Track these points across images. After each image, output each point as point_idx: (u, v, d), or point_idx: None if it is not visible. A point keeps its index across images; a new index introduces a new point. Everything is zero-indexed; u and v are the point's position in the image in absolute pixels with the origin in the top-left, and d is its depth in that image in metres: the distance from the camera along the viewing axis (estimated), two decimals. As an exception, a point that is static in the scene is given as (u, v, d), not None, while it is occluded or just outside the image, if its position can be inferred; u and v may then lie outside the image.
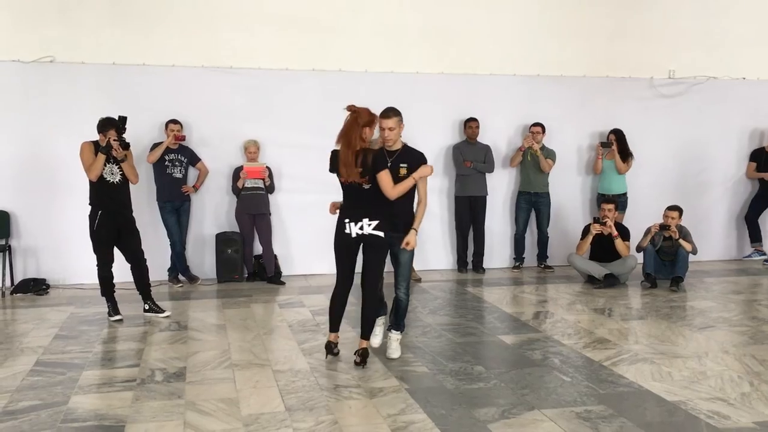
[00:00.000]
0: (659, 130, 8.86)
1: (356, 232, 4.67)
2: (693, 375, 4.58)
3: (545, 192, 8.41)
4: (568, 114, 8.65)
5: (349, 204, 4.75)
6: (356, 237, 4.69)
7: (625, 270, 7.54)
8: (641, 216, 8.30)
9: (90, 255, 6.11)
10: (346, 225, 4.69)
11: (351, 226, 4.68)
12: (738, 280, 7.84)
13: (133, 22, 7.61)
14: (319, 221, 8.05)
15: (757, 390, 4.29)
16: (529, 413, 3.94)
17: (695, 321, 6.04)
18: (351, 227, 4.68)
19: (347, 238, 4.71)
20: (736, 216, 9.21)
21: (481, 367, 4.78)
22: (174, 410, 4.03)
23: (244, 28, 7.85)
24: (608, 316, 6.24)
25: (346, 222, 4.70)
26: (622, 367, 4.74)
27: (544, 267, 8.53)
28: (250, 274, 7.91)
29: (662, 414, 3.94)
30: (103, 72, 7.53)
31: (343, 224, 4.72)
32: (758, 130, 9.06)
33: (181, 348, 5.28)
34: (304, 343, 5.39)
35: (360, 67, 8.12)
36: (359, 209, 4.68)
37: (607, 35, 8.72)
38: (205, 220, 7.95)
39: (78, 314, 6.37)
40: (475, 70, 8.36)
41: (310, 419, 3.88)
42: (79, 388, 4.42)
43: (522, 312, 6.40)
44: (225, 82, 7.82)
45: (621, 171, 8.42)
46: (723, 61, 8.95)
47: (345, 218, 4.71)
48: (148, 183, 7.54)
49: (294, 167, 8.04)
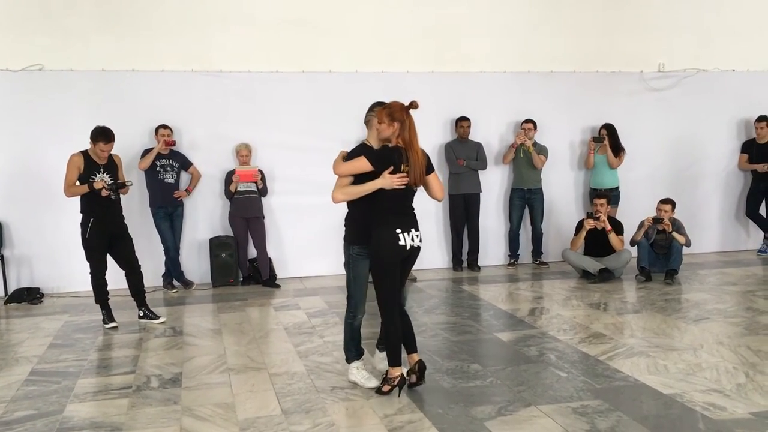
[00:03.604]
0: (650, 123, 8.88)
1: (410, 244, 4.11)
2: (689, 367, 4.59)
3: (538, 188, 8.42)
4: (559, 110, 8.66)
5: (395, 210, 4.13)
6: (409, 249, 4.12)
7: (620, 264, 7.55)
8: (634, 210, 8.31)
9: (83, 263, 6.10)
10: (400, 236, 4.07)
11: (405, 237, 4.09)
12: (732, 272, 7.86)
13: (121, 28, 7.59)
14: (313, 223, 8.11)
15: (752, 381, 4.30)
16: (526, 410, 3.94)
17: (690, 313, 6.05)
18: (405, 238, 4.08)
19: (402, 251, 4.09)
20: (729, 208, 9.23)
21: (478, 364, 4.78)
22: (170, 416, 4.02)
23: (232, 31, 7.84)
24: (603, 310, 6.25)
25: (398, 233, 4.08)
26: (618, 361, 4.75)
27: (539, 263, 8.53)
28: (245, 278, 7.90)
29: (658, 407, 3.95)
30: (92, 79, 7.52)
31: (395, 236, 4.06)
32: (749, 121, 9.08)
33: (176, 354, 5.27)
34: (300, 345, 5.39)
35: (350, 67, 8.11)
36: (406, 217, 4.16)
37: (596, 30, 8.73)
38: (198, 224, 7.93)
39: (72, 322, 6.35)
40: (466, 68, 8.37)
41: (307, 422, 3.88)
42: (74, 396, 4.41)
43: (518, 309, 6.41)
44: (215, 85, 7.81)
45: (613, 165, 8.43)
46: (712, 54, 8.97)
47: (396, 228, 4.07)
48: (141, 189, 7.52)
49: (286, 170, 8.03)
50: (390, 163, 4.04)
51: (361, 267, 4.25)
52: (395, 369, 4.17)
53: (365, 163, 4.05)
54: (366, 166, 4.05)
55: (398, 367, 4.17)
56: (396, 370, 4.17)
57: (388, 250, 4.06)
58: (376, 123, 4.12)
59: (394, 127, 4.05)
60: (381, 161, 4.06)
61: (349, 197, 4.17)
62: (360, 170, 4.08)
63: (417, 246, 4.14)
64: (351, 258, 4.28)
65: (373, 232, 4.09)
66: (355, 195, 4.12)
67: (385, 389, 4.20)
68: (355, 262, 4.27)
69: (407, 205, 4.18)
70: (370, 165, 4.04)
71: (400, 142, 4.08)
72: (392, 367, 4.18)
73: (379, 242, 4.07)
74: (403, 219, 4.12)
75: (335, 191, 4.15)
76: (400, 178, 4.04)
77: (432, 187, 4.28)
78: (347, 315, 4.44)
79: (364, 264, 4.24)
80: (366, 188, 4.06)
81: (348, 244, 4.30)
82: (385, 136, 4.09)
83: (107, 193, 5.89)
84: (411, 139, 4.08)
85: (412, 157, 4.07)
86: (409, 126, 4.08)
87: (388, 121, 4.05)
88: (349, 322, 4.44)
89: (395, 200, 4.10)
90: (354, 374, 4.44)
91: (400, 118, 4.05)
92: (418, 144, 4.13)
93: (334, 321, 6.09)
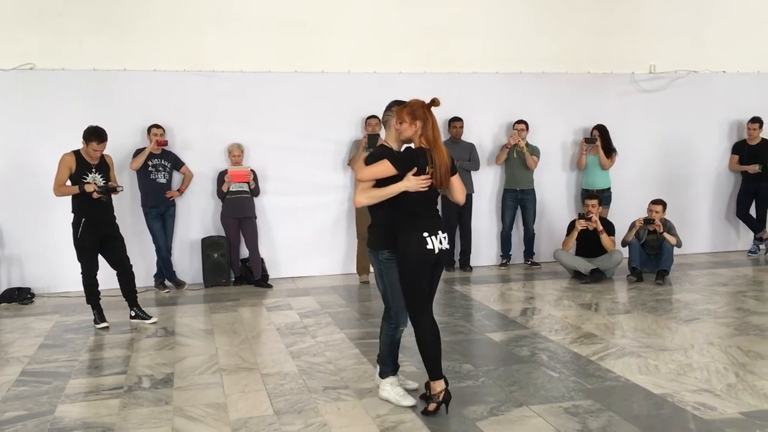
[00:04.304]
0: (642, 124, 8.92)
1: (438, 247, 3.87)
2: (679, 367, 4.61)
3: (531, 189, 8.44)
4: (551, 111, 8.69)
5: (421, 213, 3.89)
6: (438, 253, 3.88)
7: (611, 264, 7.58)
8: (626, 210, 8.35)
9: (75, 263, 6.08)
10: (427, 240, 3.84)
11: (432, 240, 3.85)
12: (723, 272, 7.90)
13: (113, 28, 7.56)
14: (305, 223, 8.11)
15: (742, 381, 4.33)
16: (518, 410, 3.96)
17: (681, 314, 6.08)
18: (433, 242, 3.85)
19: (431, 255, 3.85)
20: (719, 209, 9.28)
21: (470, 365, 4.79)
22: (162, 416, 4.01)
23: (225, 31, 7.83)
24: (595, 311, 6.28)
25: (426, 236, 3.84)
26: (609, 362, 4.76)
27: (531, 263, 8.56)
28: (237, 278, 7.89)
29: (649, 407, 3.97)
30: (84, 78, 7.49)
31: (423, 240, 3.82)
32: (740, 122, 9.13)
33: (168, 354, 5.26)
34: (292, 345, 5.38)
35: (343, 68, 8.12)
36: (431, 219, 3.92)
37: (588, 32, 8.77)
38: (190, 224, 7.91)
39: (64, 323, 6.32)
40: (458, 69, 8.38)
41: (299, 422, 3.88)
42: (65, 396, 4.39)
43: (509, 309, 6.42)
44: (207, 85, 7.79)
45: (605, 166, 8.47)
46: (703, 55, 9.02)
47: (423, 232, 3.84)
48: (132, 189, 7.50)
49: (279, 170, 8.03)
50: (414, 165, 3.84)
51: (395, 273, 3.96)
52: (437, 383, 3.90)
53: (388, 167, 3.84)
54: (389, 170, 3.84)
55: (439, 381, 3.90)
56: (438, 384, 3.90)
57: (416, 255, 3.83)
58: (396, 123, 3.93)
59: (417, 126, 3.86)
60: (405, 165, 3.84)
61: (372, 201, 3.94)
62: (383, 174, 3.86)
63: (446, 248, 3.91)
64: (382, 265, 4.01)
65: (399, 237, 3.88)
66: (379, 198, 3.90)
67: (431, 408, 3.90)
68: (387, 269, 3.98)
69: (432, 208, 3.97)
70: (394, 169, 3.83)
71: (423, 141, 3.87)
72: (434, 382, 3.91)
73: (406, 247, 3.84)
74: (429, 222, 3.88)
75: (357, 194, 3.96)
76: (425, 179, 3.83)
77: (454, 189, 4.06)
78: (387, 327, 4.13)
79: (396, 269, 3.97)
80: (389, 191, 3.85)
81: (375, 250, 4.04)
82: (407, 136, 3.90)
83: (98, 196, 5.87)
84: (435, 138, 3.88)
85: (437, 158, 3.86)
86: (432, 124, 3.88)
87: (410, 120, 3.86)
88: (389, 335, 4.13)
89: (420, 203, 3.88)
90: (387, 390, 4.13)
91: (422, 116, 3.86)
92: (442, 143, 3.94)
93: (327, 321, 6.09)
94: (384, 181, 3.88)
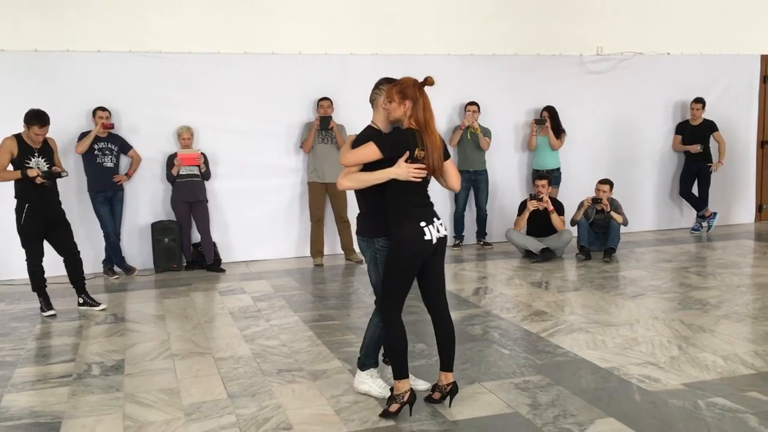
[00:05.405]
0: (590, 105, 9.07)
1: (436, 236, 3.62)
2: (625, 342, 4.75)
3: (483, 170, 8.52)
4: (501, 92, 8.76)
5: (414, 201, 3.62)
6: (436, 242, 3.63)
7: (561, 244, 7.73)
8: (575, 190, 8.51)
9: (19, 250, 5.91)
10: (425, 230, 3.57)
11: (430, 230, 3.58)
12: (667, 249, 8.14)
13: (54, 7, 7.31)
14: (258, 207, 8.04)
15: (685, 353, 4.48)
16: (470, 387, 4.03)
17: (627, 290, 6.25)
18: (430, 231, 3.59)
19: (428, 246, 3.59)
20: (663, 188, 9.53)
21: (423, 344, 4.84)
22: (112, 403, 3.95)
23: (172, 11, 7.65)
24: (545, 288, 6.41)
25: (423, 226, 3.56)
26: (559, 338, 4.88)
27: (484, 244, 8.67)
28: (189, 263, 7.78)
29: (596, 380, 4.08)
30: (24, 59, 7.23)
31: (420, 230, 3.55)
32: (684, 103, 9.37)
33: (118, 341, 5.18)
34: (245, 329, 5.36)
35: (293, 49, 8.02)
36: (425, 207, 3.65)
37: (538, 14, 8.84)
38: (139, 209, 7.76)
39: (8, 311, 6.16)
40: (410, 50, 8.37)
41: (253, 405, 3.87)
42: (12, 386, 4.29)
43: (462, 288, 6.51)
44: (154, 67, 7.61)
45: (554, 147, 8.60)
46: (648, 37, 9.19)
47: (419, 222, 3.56)
48: (78, 173, 7.31)
49: (230, 153, 7.92)
50: (403, 148, 3.53)
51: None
52: (402, 383, 3.66)
53: (374, 150, 3.53)
54: (375, 154, 3.53)
55: (405, 380, 3.66)
56: (403, 383, 3.66)
57: (413, 247, 3.56)
58: (384, 102, 3.66)
59: (406, 106, 3.57)
60: (392, 147, 3.55)
61: (357, 185, 3.65)
62: (369, 158, 3.55)
63: (444, 236, 3.67)
64: (378, 253, 3.75)
65: (392, 230, 3.60)
66: (364, 183, 3.61)
67: (393, 409, 3.64)
68: (384, 258, 3.71)
69: (424, 194, 3.68)
70: (380, 152, 3.53)
71: (413, 123, 3.58)
72: (398, 381, 3.66)
73: (402, 240, 3.56)
74: (423, 210, 3.61)
75: (342, 177, 3.65)
76: (418, 168, 3.53)
77: (449, 175, 3.74)
78: (379, 318, 3.88)
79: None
80: (377, 176, 3.54)
81: (369, 237, 3.77)
82: (396, 117, 3.62)
83: (42, 181, 5.71)
84: (427, 119, 3.58)
85: (429, 141, 3.56)
86: (424, 105, 3.59)
87: (399, 99, 3.58)
88: (380, 326, 3.87)
89: (412, 190, 3.58)
90: (368, 383, 3.94)
91: (413, 95, 3.58)
92: (434, 126, 3.64)
93: (281, 304, 6.07)
94: (373, 164, 3.58)
